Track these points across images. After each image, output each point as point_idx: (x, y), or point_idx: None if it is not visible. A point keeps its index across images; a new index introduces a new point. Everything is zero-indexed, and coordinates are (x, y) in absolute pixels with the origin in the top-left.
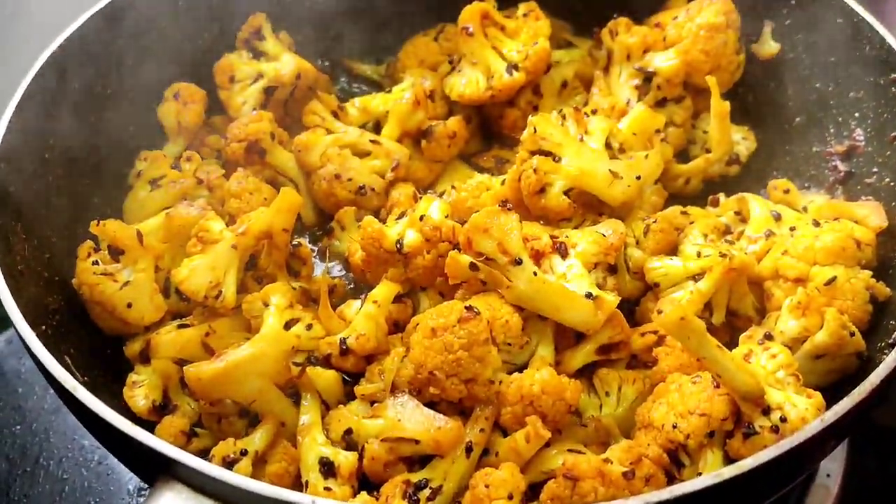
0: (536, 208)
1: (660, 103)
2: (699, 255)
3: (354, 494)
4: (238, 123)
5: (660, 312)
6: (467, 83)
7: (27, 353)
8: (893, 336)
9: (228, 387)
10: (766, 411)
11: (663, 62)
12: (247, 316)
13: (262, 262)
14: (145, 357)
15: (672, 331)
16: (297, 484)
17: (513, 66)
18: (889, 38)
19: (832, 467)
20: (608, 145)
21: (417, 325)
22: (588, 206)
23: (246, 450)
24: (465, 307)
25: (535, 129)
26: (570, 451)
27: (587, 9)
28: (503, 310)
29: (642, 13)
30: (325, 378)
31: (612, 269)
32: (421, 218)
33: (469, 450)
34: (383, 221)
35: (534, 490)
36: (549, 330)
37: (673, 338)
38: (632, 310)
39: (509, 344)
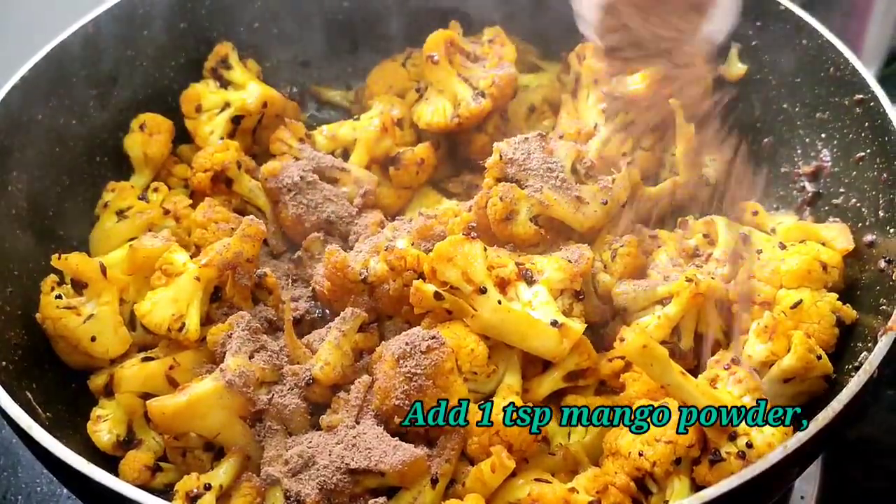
0: (504, 235)
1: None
2: (667, 279)
3: None
4: (204, 153)
5: (622, 340)
6: (434, 111)
7: None
8: (860, 358)
9: (192, 420)
10: (733, 437)
11: (631, 86)
12: (211, 348)
13: (227, 292)
14: (110, 391)
15: (635, 358)
16: None
17: (479, 93)
18: (853, 59)
19: (807, 489)
20: (574, 170)
21: (383, 354)
22: (556, 231)
23: (210, 484)
24: (431, 336)
25: (500, 155)
26: (536, 480)
27: (554, 33)
28: (469, 338)
29: None
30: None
31: (579, 296)
32: (386, 247)
33: (434, 481)
34: (352, 248)
35: None
36: (515, 358)
37: (636, 365)
38: (601, 334)
39: (475, 373)
